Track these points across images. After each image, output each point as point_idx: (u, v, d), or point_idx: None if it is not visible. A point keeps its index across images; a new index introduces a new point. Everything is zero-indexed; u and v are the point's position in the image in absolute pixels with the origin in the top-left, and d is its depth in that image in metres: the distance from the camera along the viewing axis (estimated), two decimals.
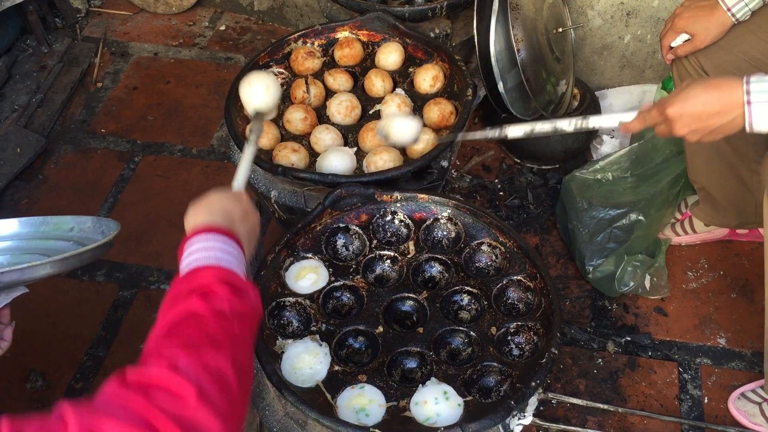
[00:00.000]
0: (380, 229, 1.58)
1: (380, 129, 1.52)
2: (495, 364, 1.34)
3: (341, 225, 1.56)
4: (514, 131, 1.40)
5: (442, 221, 1.57)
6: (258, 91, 1.41)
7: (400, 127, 1.49)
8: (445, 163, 1.79)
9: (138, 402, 0.73)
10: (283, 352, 1.35)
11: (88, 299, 2.10)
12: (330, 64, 1.96)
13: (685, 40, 1.74)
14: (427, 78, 1.85)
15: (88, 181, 2.42)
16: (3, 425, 0.71)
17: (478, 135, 1.50)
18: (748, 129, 1.16)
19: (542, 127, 1.38)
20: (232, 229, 1.03)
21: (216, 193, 1.11)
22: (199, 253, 0.96)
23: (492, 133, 1.44)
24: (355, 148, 1.74)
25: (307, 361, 1.34)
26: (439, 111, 1.76)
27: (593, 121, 1.34)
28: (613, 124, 1.34)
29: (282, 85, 1.87)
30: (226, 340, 0.82)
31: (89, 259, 1.21)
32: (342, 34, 1.99)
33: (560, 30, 2.12)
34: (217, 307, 0.87)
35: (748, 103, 1.12)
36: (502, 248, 1.52)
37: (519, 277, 1.47)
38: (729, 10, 1.66)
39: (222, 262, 0.96)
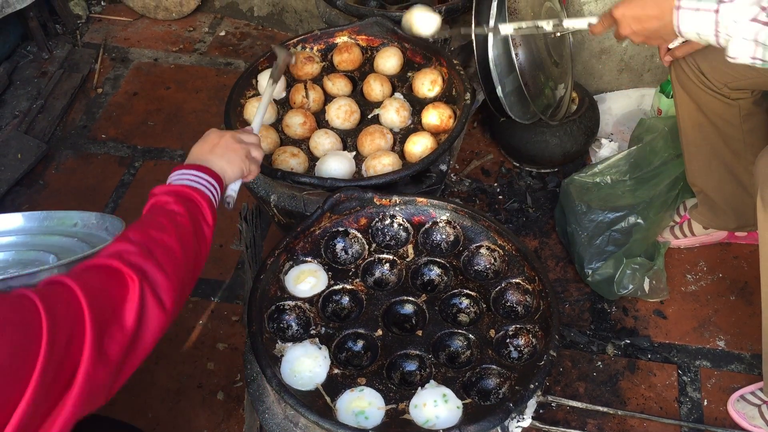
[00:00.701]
0: (379, 232, 1.59)
1: (404, 23, 1.78)
2: (494, 366, 1.35)
3: (340, 229, 1.57)
4: (504, 29, 1.69)
5: (440, 224, 1.58)
6: None
7: (421, 19, 1.75)
8: (443, 167, 1.80)
9: (107, 261, 1.01)
10: (282, 356, 1.35)
11: None
12: (329, 68, 1.97)
13: (683, 42, 1.75)
14: (426, 82, 1.86)
15: (89, 186, 2.43)
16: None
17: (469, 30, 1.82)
18: (676, 31, 1.33)
19: (527, 25, 1.65)
20: (209, 164, 1.30)
21: (215, 133, 1.41)
22: (173, 178, 1.27)
23: (479, 30, 1.79)
24: (354, 152, 1.75)
25: (306, 364, 1.34)
26: (438, 115, 1.77)
27: (567, 23, 1.59)
28: (583, 26, 1.55)
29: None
30: (170, 226, 1.12)
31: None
32: (341, 39, 2.00)
33: (558, 34, 2.13)
34: (166, 208, 1.16)
35: (677, 8, 1.29)
36: (501, 251, 1.52)
37: (517, 280, 1.48)
38: None
39: (184, 183, 1.24)
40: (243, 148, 1.37)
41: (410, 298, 1.46)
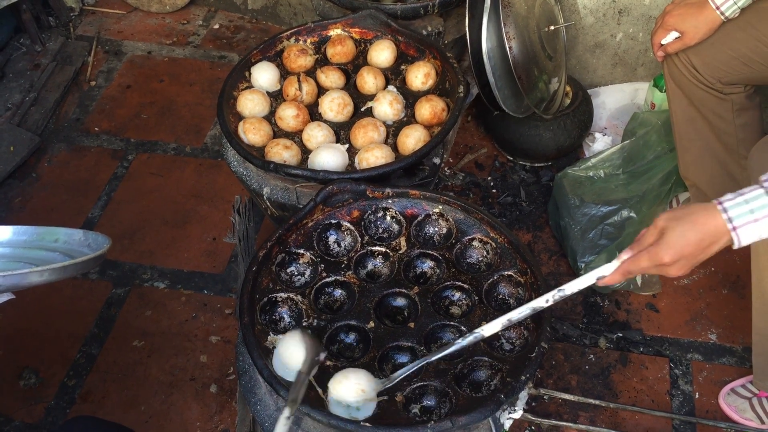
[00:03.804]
0: (372, 225, 1.58)
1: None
2: (485, 358, 1.35)
3: (333, 221, 1.57)
4: (490, 328, 1.29)
5: (433, 217, 1.58)
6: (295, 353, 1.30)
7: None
8: (437, 160, 1.80)
9: None
10: (274, 347, 1.35)
11: (82, 297, 2.10)
12: (322, 61, 1.96)
13: (675, 38, 1.75)
14: (419, 75, 1.85)
15: (82, 179, 2.43)
16: None
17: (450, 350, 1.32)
18: (737, 247, 1.19)
19: (519, 314, 1.28)
20: None
21: None
22: None
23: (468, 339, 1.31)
24: (347, 145, 1.75)
25: (298, 356, 1.34)
26: (431, 108, 1.76)
27: (570, 288, 1.25)
28: (590, 282, 1.25)
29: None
30: None
31: (83, 269, 1.21)
32: (334, 32, 2.00)
33: (552, 28, 2.13)
34: None
35: (734, 229, 1.15)
36: (493, 244, 1.52)
37: (510, 273, 1.48)
38: (718, 8, 1.67)
39: None
40: None
41: (403, 291, 1.46)
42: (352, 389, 1.26)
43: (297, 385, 1.21)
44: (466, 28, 2.01)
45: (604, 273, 1.24)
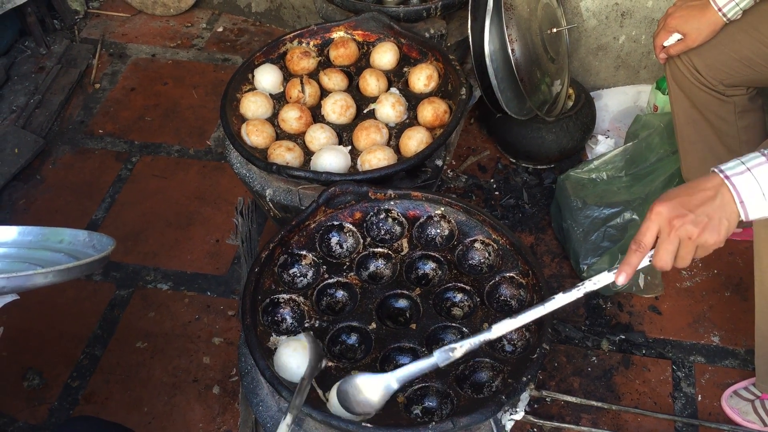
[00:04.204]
0: (374, 226, 1.59)
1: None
2: (487, 360, 1.35)
3: (335, 223, 1.57)
4: (500, 328, 1.22)
5: (435, 219, 1.58)
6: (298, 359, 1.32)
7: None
8: (439, 162, 1.81)
9: None
10: (276, 348, 1.36)
11: (85, 298, 2.11)
12: (325, 63, 1.97)
13: (678, 40, 1.75)
14: (422, 77, 1.86)
15: (86, 181, 2.44)
16: None
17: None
18: (737, 199, 1.11)
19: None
20: None
21: None
22: None
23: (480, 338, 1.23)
24: (349, 147, 1.75)
25: (300, 359, 1.34)
26: (433, 110, 1.77)
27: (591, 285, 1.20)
28: (608, 280, 1.20)
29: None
30: None
31: (88, 271, 1.21)
32: (337, 34, 2.00)
33: (555, 30, 2.13)
34: None
35: (727, 177, 1.11)
36: (495, 245, 1.53)
37: (511, 274, 1.48)
38: (720, 10, 1.67)
39: None
40: None
41: (404, 292, 1.47)
42: None
43: (299, 391, 1.21)
44: (469, 31, 2.01)
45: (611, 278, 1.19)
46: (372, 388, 1.22)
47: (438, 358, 1.19)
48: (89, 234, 1.37)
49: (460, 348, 1.20)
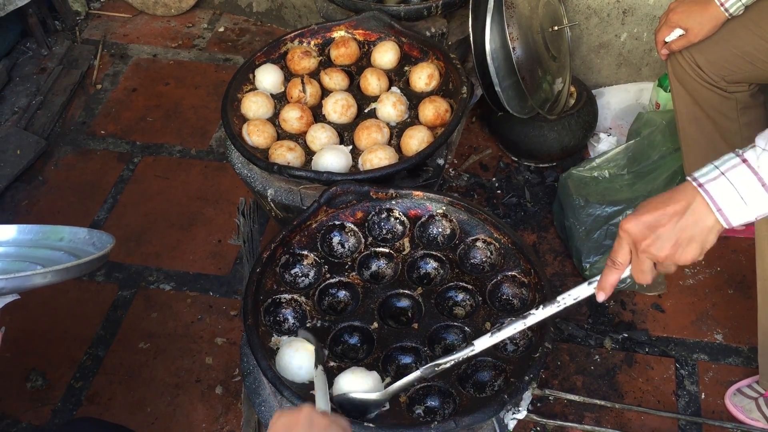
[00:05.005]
0: (375, 226, 1.59)
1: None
2: (489, 359, 1.35)
3: (337, 222, 1.57)
4: (481, 343, 1.23)
5: (437, 218, 1.58)
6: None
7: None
8: (440, 161, 1.80)
9: None
10: (278, 349, 1.36)
11: (88, 299, 2.11)
12: (326, 63, 1.97)
13: (680, 35, 1.75)
14: (423, 76, 1.86)
15: (88, 182, 2.44)
16: None
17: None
18: (711, 205, 1.04)
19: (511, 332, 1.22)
20: None
21: (286, 417, 1.00)
22: None
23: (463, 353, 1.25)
24: (350, 146, 1.75)
25: (302, 357, 1.34)
26: (434, 109, 1.76)
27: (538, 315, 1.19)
28: (588, 293, 1.18)
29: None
30: None
31: (87, 270, 1.21)
32: (338, 34, 2.00)
33: (556, 28, 2.13)
34: None
35: (700, 186, 1.04)
36: (497, 244, 1.52)
37: (513, 273, 1.48)
38: (722, 5, 1.67)
39: None
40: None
41: (406, 292, 1.46)
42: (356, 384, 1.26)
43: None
44: (470, 29, 2.01)
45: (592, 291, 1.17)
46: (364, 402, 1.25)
47: (423, 372, 1.23)
48: (89, 231, 1.37)
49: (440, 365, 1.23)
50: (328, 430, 0.98)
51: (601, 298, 1.15)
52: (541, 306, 1.21)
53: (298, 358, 1.32)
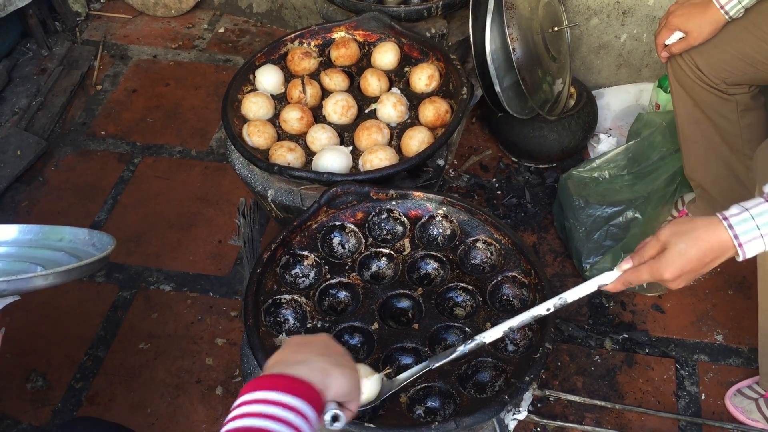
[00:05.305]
0: (376, 226, 1.59)
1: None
2: (489, 359, 1.35)
3: (337, 223, 1.57)
4: (491, 335, 1.26)
5: (437, 219, 1.58)
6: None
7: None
8: (441, 162, 1.80)
9: None
10: (280, 346, 1.36)
11: (88, 300, 2.11)
12: (326, 64, 1.97)
13: (680, 38, 1.75)
14: (423, 77, 1.86)
15: (88, 182, 2.44)
16: None
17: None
18: (741, 260, 1.17)
19: (520, 322, 1.26)
20: (296, 371, 0.85)
21: (300, 337, 0.98)
22: (241, 413, 0.81)
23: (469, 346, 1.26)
24: (350, 147, 1.75)
25: None
26: (434, 109, 1.77)
27: (571, 296, 1.25)
28: (592, 290, 1.24)
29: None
30: None
31: (88, 271, 1.21)
32: (338, 35, 2.00)
33: (556, 29, 2.13)
34: None
35: (740, 246, 1.14)
36: (497, 245, 1.52)
37: (514, 274, 1.48)
38: (722, 7, 1.67)
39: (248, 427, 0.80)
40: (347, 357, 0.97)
41: (407, 292, 1.47)
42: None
43: None
44: (470, 30, 2.01)
45: (606, 282, 1.24)
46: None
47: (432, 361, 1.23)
48: (89, 232, 1.37)
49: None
50: (343, 357, 0.95)
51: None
52: (575, 288, 1.24)
53: None
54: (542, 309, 1.26)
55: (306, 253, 1.53)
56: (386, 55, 1.93)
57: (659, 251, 1.19)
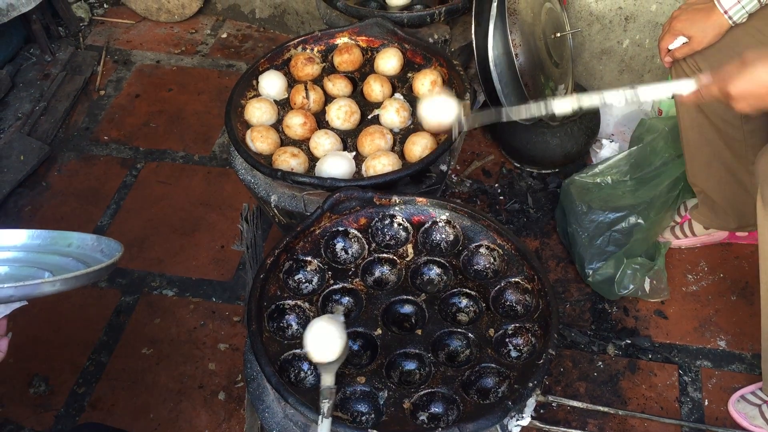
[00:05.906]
0: (379, 232, 1.59)
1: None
2: (493, 365, 1.35)
3: (340, 228, 1.57)
4: (561, 106, 1.29)
5: (440, 224, 1.58)
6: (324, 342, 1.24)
7: (431, 109, 1.40)
8: (444, 167, 1.80)
9: None
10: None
11: (91, 305, 2.12)
12: (329, 69, 1.97)
13: (683, 43, 1.75)
14: (426, 82, 1.86)
15: (91, 188, 2.44)
16: None
17: (522, 114, 1.37)
18: None
19: (590, 100, 1.29)
20: None
21: None
22: None
23: (535, 109, 1.31)
24: (354, 153, 1.75)
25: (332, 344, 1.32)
26: None
27: (644, 92, 1.27)
28: (666, 94, 1.31)
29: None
30: None
31: (96, 278, 1.21)
32: (341, 40, 2.01)
33: (558, 35, 2.13)
34: None
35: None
36: (500, 251, 1.52)
37: (517, 279, 1.48)
38: (726, 12, 1.67)
39: None
40: None
41: (410, 298, 1.47)
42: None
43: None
44: (473, 36, 2.01)
45: (682, 91, 1.26)
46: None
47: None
48: (97, 238, 1.37)
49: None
50: None
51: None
52: (649, 86, 1.26)
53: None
54: (619, 97, 1.27)
55: (309, 258, 1.53)
56: (389, 61, 1.93)
57: (739, 69, 1.21)
